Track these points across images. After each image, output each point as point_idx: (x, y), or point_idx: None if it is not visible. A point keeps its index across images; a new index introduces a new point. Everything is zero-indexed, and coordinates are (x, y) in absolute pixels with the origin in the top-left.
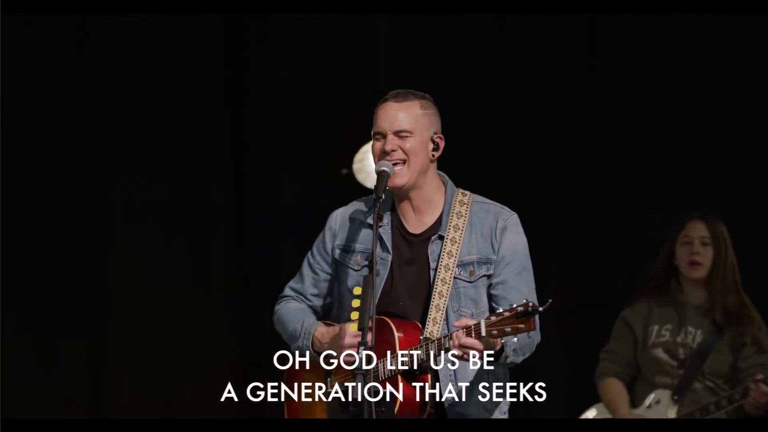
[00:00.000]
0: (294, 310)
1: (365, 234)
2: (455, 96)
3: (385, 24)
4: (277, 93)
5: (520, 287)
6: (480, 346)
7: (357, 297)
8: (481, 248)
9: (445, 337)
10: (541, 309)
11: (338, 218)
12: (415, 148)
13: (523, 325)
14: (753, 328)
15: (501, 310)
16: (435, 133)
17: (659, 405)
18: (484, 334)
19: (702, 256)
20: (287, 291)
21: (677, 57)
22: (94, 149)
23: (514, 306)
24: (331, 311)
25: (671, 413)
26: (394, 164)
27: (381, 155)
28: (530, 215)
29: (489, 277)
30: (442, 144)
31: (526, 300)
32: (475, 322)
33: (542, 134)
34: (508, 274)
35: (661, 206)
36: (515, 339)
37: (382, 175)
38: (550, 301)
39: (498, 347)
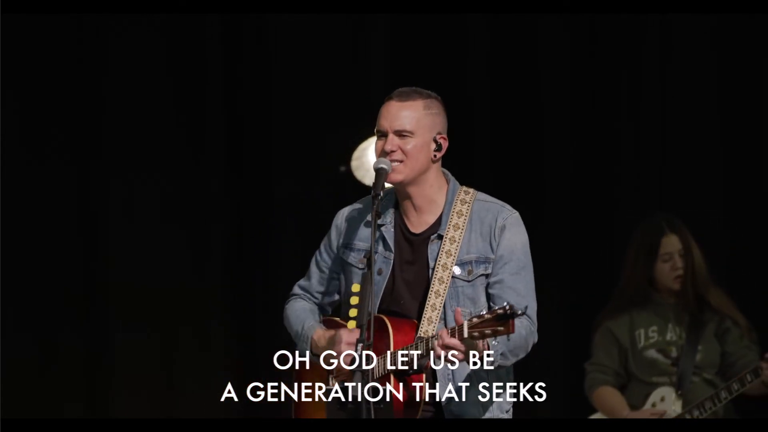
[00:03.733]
0: (298, 310)
1: (367, 232)
2: (455, 96)
3: (385, 24)
4: (275, 90)
5: (516, 287)
6: (462, 347)
7: (355, 294)
8: (480, 247)
9: (432, 338)
10: (519, 313)
11: (343, 216)
12: (415, 149)
13: (502, 328)
14: (730, 310)
15: (483, 312)
16: (438, 134)
17: (664, 402)
18: (466, 335)
19: (682, 268)
20: (295, 289)
21: (677, 58)
22: (92, 147)
23: (495, 308)
24: (341, 309)
25: (677, 407)
26: (392, 162)
27: (381, 154)
28: (530, 215)
29: (487, 276)
30: (445, 144)
31: (507, 303)
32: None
33: (542, 134)
34: (505, 274)
35: (661, 207)
36: (495, 342)
37: (380, 172)
38: (527, 306)
39: (484, 349)
